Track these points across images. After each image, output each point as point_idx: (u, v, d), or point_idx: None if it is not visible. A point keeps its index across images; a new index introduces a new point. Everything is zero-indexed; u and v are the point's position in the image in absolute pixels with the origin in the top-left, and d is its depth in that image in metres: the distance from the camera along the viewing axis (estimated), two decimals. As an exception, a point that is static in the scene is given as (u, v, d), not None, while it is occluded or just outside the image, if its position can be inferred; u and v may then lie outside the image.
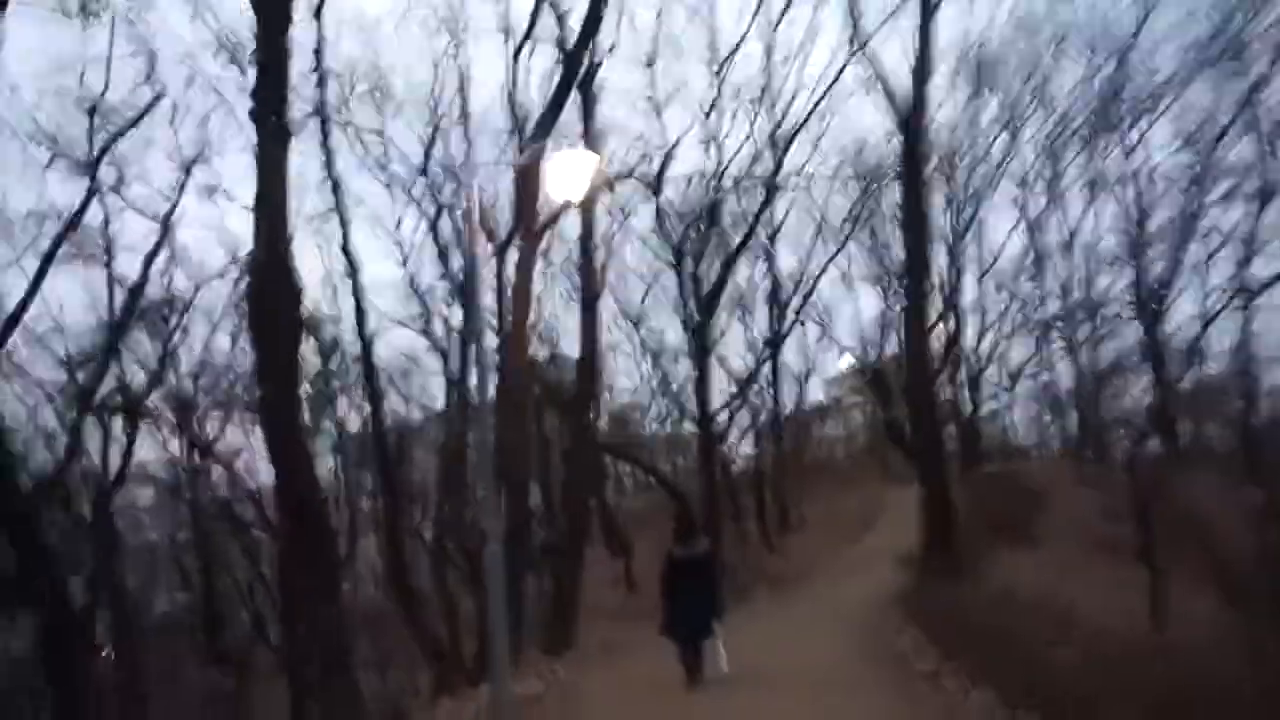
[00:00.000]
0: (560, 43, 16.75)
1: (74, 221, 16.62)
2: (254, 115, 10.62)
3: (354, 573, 31.18)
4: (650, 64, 22.93)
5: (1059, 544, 21.41)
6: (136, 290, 19.34)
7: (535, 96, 19.78)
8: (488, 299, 24.17)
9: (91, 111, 16.08)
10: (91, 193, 16.58)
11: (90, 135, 16.70)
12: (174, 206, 19.80)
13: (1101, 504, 24.76)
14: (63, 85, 17.03)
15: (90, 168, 16.46)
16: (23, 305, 15.63)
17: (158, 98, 16.40)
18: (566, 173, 9.59)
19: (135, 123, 16.59)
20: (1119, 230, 30.20)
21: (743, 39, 26.09)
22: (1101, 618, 11.91)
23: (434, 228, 23.98)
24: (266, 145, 10.55)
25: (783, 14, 25.40)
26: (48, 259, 16.10)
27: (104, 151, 16.63)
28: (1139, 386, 31.61)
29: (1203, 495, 23.29)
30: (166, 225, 19.72)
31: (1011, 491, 26.53)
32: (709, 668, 9.58)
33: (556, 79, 16.03)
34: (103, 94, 16.54)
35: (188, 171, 19.99)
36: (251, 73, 12.41)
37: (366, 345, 20.72)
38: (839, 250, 31.96)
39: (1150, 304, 27.78)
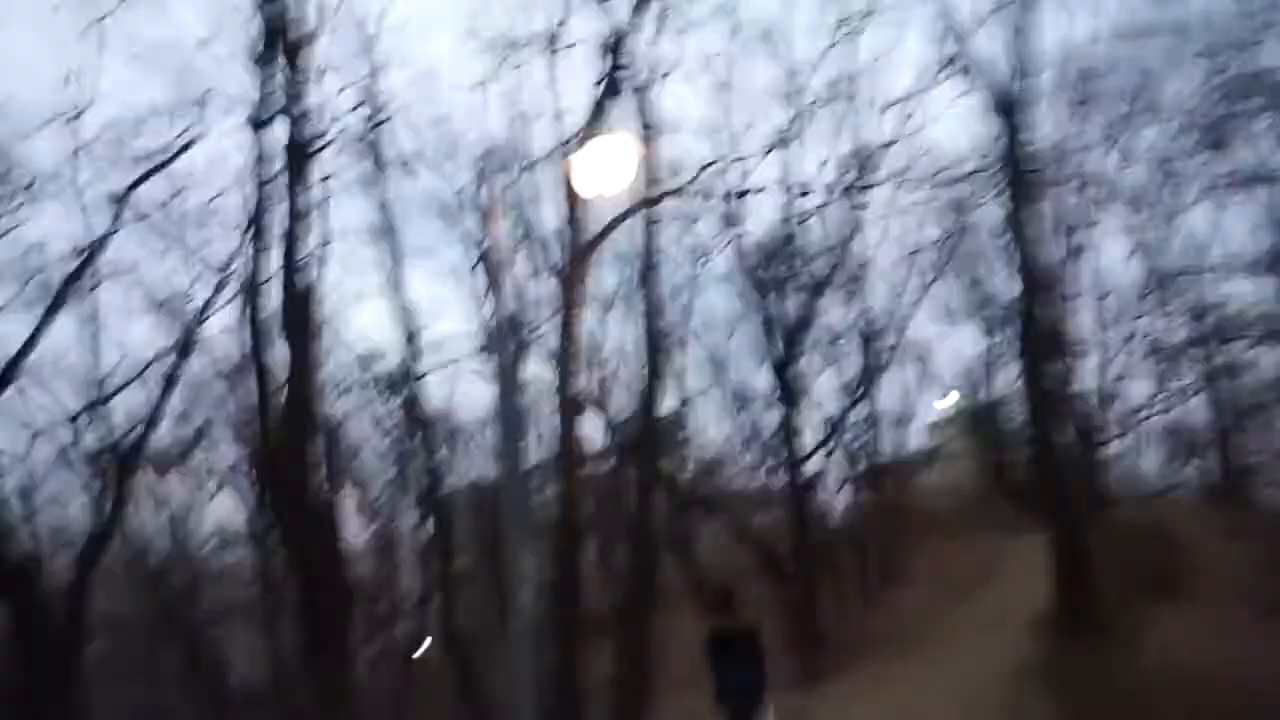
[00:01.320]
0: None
1: (91, 255, 15.82)
2: (255, 123, 9.47)
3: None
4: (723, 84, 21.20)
5: (1211, 602, 18.59)
6: (188, 332, 18.20)
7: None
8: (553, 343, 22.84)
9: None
10: (114, 229, 15.77)
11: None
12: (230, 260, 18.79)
13: (1256, 555, 21.67)
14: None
15: (116, 203, 15.68)
16: (26, 347, 15.00)
17: (192, 140, 15.52)
18: (606, 165, 8.28)
19: (171, 160, 15.77)
20: (1254, 242, 27.08)
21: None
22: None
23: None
24: (261, 157, 9.37)
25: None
26: (56, 303, 15.34)
27: (131, 188, 15.79)
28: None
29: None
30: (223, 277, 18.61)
31: (1148, 541, 23.51)
32: None
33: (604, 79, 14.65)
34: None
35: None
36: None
37: (412, 393, 19.40)
38: (934, 280, 29.68)
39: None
